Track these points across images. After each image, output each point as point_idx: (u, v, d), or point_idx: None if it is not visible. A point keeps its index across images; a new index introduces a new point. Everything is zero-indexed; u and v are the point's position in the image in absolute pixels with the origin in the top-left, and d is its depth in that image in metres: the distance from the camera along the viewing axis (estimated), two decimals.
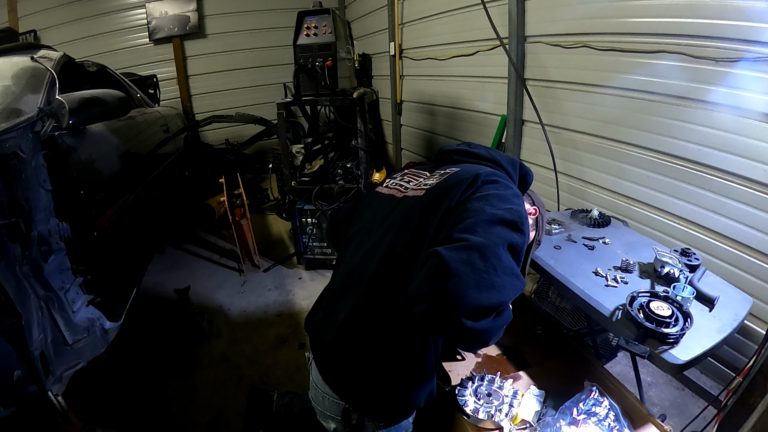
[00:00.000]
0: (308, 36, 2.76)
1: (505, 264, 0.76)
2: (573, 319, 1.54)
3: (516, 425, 1.01)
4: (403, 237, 0.92)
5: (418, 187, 1.02)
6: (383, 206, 1.05)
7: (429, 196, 0.95)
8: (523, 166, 1.11)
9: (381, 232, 0.99)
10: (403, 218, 0.95)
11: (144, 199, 2.47)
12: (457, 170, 0.99)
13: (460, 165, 1.05)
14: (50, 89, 1.77)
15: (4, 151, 1.33)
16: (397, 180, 1.12)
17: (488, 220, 0.80)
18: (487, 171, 0.96)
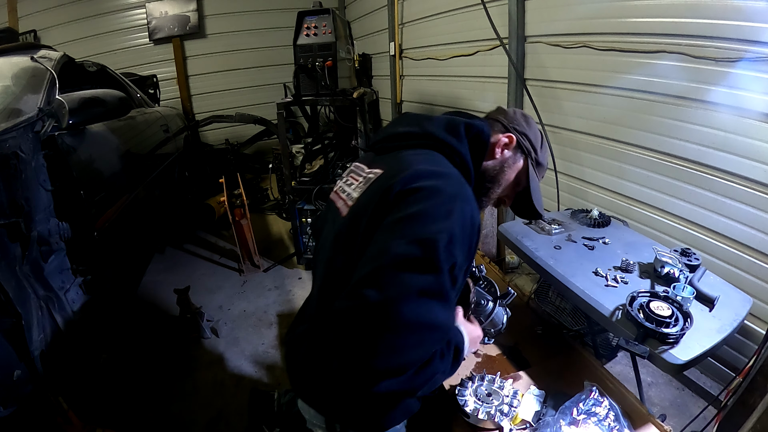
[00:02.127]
0: (308, 36, 2.76)
1: (409, 321, 0.64)
2: (573, 319, 1.54)
3: (516, 425, 1.01)
4: (335, 262, 0.85)
5: (349, 198, 0.89)
6: (331, 222, 0.95)
7: (350, 218, 0.84)
8: (472, 126, 0.93)
9: (324, 252, 0.92)
10: (333, 242, 0.88)
11: (144, 199, 2.47)
12: (380, 173, 0.85)
13: (393, 156, 0.90)
14: (50, 89, 1.77)
15: (4, 151, 1.33)
16: (343, 183, 0.99)
17: (391, 265, 0.66)
18: (410, 173, 0.77)
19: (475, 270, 1.30)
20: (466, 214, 0.74)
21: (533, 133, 1.03)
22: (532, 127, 1.04)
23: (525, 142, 1.01)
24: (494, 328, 1.19)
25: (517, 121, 1.03)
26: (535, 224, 1.70)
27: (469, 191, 0.80)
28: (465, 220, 0.73)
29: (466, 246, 0.74)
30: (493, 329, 1.19)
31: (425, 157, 0.85)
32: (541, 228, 1.66)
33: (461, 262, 0.72)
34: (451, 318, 0.73)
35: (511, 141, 0.99)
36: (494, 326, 1.19)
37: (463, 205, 0.74)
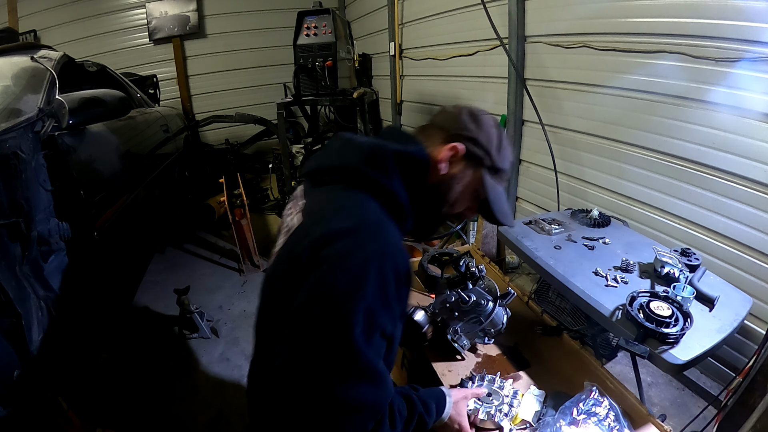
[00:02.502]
0: (308, 36, 2.76)
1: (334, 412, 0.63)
2: (573, 319, 1.54)
3: (516, 425, 1.01)
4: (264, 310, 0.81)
5: (285, 233, 0.83)
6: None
7: (272, 269, 0.79)
8: (404, 155, 0.81)
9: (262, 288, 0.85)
10: (263, 284, 0.82)
11: (144, 199, 2.47)
12: (300, 222, 0.78)
13: (317, 197, 0.81)
14: (50, 89, 1.77)
15: (4, 151, 1.33)
16: (286, 211, 0.90)
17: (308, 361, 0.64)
18: (318, 237, 0.69)
19: (475, 270, 1.31)
20: (385, 273, 0.67)
21: (485, 134, 0.87)
22: (483, 128, 0.87)
23: (475, 148, 0.85)
24: (494, 328, 1.19)
25: (463, 124, 0.87)
26: (535, 224, 1.70)
27: (391, 237, 0.71)
28: (385, 280, 0.67)
29: (392, 305, 0.69)
30: (493, 329, 1.20)
31: (342, 203, 0.76)
32: (541, 228, 1.66)
33: (388, 324, 0.69)
34: (382, 390, 0.68)
35: (455, 152, 0.84)
36: (494, 326, 1.19)
37: (380, 265, 0.67)
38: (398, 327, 0.75)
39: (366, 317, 0.64)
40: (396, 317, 0.73)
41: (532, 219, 1.74)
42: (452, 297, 1.25)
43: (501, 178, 0.90)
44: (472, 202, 0.90)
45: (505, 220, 0.92)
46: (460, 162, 0.85)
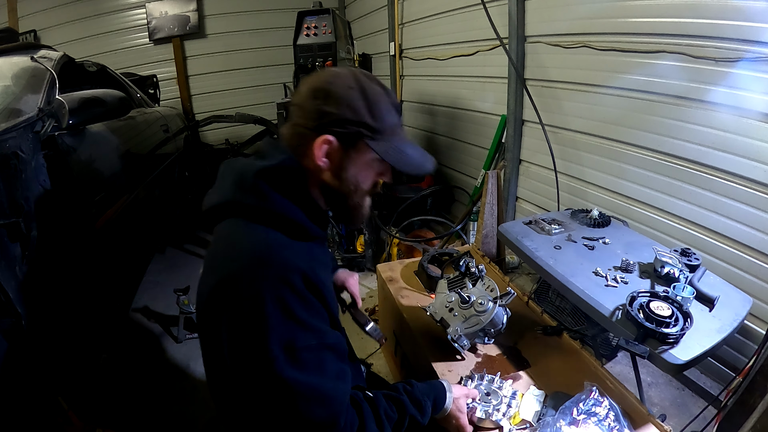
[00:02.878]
0: (308, 36, 2.76)
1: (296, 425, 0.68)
2: (573, 319, 1.54)
3: (516, 425, 1.01)
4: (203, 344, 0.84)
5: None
6: None
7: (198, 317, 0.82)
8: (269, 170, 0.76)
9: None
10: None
11: (144, 199, 2.47)
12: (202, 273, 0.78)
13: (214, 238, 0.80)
14: (50, 89, 1.77)
15: (4, 151, 1.33)
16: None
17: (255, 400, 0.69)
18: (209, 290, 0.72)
19: (475, 270, 1.31)
20: (283, 299, 0.67)
21: (347, 107, 0.74)
22: (341, 101, 0.75)
23: (345, 129, 0.75)
24: (494, 328, 1.19)
25: (318, 111, 0.75)
26: (535, 224, 1.70)
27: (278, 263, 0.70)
28: (286, 306, 0.67)
29: (308, 321, 0.70)
30: (493, 329, 1.20)
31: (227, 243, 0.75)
32: (541, 228, 1.66)
33: (312, 339, 0.70)
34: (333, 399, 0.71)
35: (328, 145, 0.76)
36: (494, 326, 1.19)
37: (275, 294, 0.66)
38: (332, 333, 0.76)
39: (283, 348, 0.66)
40: (322, 325, 0.74)
41: (532, 219, 1.74)
42: (452, 297, 1.26)
43: (390, 134, 0.79)
44: (378, 170, 0.84)
45: (418, 171, 0.84)
46: (338, 149, 0.77)
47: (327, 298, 0.76)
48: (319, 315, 0.74)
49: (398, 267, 1.76)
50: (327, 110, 0.75)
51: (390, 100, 0.80)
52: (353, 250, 3.05)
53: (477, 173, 3.19)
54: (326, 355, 0.72)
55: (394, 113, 0.81)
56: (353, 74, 0.78)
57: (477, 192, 3.09)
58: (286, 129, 0.82)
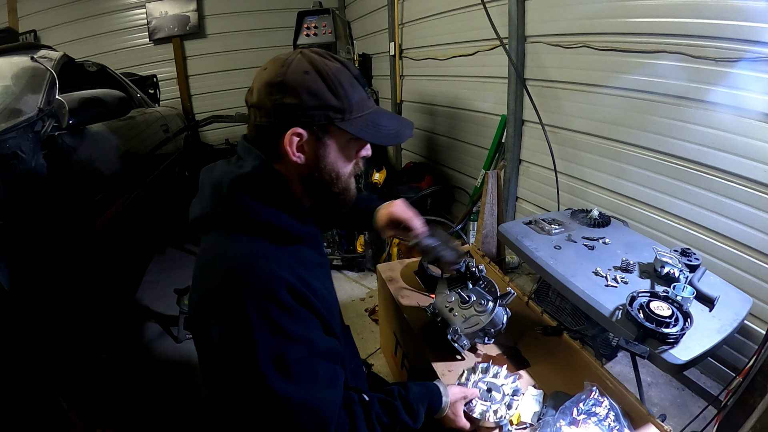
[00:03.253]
0: (308, 36, 2.76)
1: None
2: (573, 319, 1.54)
3: (516, 425, 1.01)
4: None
5: None
6: None
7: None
8: (243, 178, 0.73)
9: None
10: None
11: (144, 199, 2.47)
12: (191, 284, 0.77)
13: (200, 249, 0.78)
14: (50, 89, 1.77)
15: (4, 151, 1.33)
16: None
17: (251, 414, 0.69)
18: (194, 308, 0.72)
19: (475, 270, 1.31)
20: (268, 312, 0.66)
21: (308, 95, 0.70)
22: (301, 90, 0.70)
23: (311, 118, 0.71)
24: (494, 328, 1.19)
25: (278, 107, 0.71)
26: (535, 224, 1.70)
27: (261, 274, 0.68)
28: (272, 319, 0.66)
29: (295, 332, 0.68)
30: (493, 329, 1.20)
31: (208, 257, 0.73)
32: (541, 228, 1.66)
33: (303, 349, 0.69)
34: (322, 410, 0.70)
35: (299, 138, 0.72)
36: (494, 326, 1.19)
37: (259, 308, 0.65)
38: (325, 339, 0.75)
39: (273, 362, 0.66)
40: (313, 333, 0.73)
41: (532, 219, 1.74)
42: (452, 297, 1.25)
43: (359, 109, 0.75)
44: (356, 148, 0.80)
45: (397, 140, 0.81)
46: (310, 139, 0.73)
47: (317, 306, 0.74)
48: (309, 323, 0.73)
49: (398, 267, 1.76)
50: (287, 103, 0.70)
51: (351, 73, 0.75)
52: (353, 250, 3.05)
53: (477, 173, 3.19)
54: (318, 363, 0.72)
55: (357, 86, 0.76)
56: (305, 57, 0.74)
57: (477, 192, 3.09)
58: (250, 132, 0.78)
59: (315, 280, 0.78)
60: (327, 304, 0.80)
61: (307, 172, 0.77)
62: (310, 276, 0.77)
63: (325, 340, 0.75)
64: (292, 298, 0.69)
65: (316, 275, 0.82)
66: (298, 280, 0.71)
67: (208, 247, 0.75)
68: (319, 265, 0.86)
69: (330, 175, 0.78)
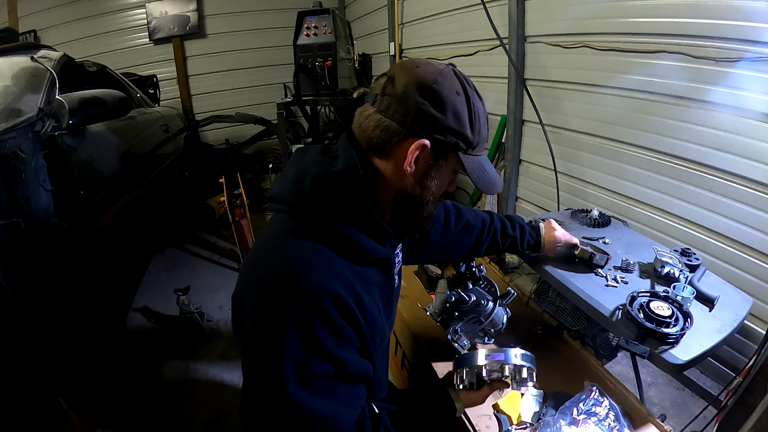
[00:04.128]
0: (308, 36, 2.77)
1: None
2: (573, 319, 1.54)
3: (516, 425, 1.01)
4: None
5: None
6: None
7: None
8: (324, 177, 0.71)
9: None
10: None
11: (144, 199, 2.47)
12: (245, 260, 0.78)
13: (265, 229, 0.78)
14: (50, 89, 1.77)
15: (4, 151, 1.33)
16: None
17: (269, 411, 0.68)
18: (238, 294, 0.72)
19: (475, 270, 1.30)
20: (308, 322, 0.64)
21: (452, 115, 0.69)
22: (448, 107, 0.68)
23: (444, 137, 0.70)
24: (494, 328, 1.19)
25: (421, 111, 0.68)
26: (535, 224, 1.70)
27: (313, 281, 0.66)
28: (309, 330, 0.64)
29: (330, 349, 0.66)
30: (493, 329, 1.19)
31: (269, 244, 0.72)
32: None
33: (330, 367, 0.67)
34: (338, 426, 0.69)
35: (419, 149, 0.69)
36: (494, 326, 1.19)
37: (299, 316, 0.64)
38: (358, 363, 0.73)
39: (297, 370, 0.64)
40: (347, 355, 0.70)
41: (532, 219, 1.74)
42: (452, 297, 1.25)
43: (479, 149, 0.76)
44: (451, 179, 0.80)
45: (491, 190, 0.80)
46: (429, 155, 0.72)
47: (362, 326, 0.71)
48: (348, 343, 0.70)
49: None
50: (432, 113, 0.68)
51: (486, 114, 0.75)
52: None
53: None
54: (341, 383, 0.70)
55: (486, 128, 0.76)
56: (457, 77, 0.72)
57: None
58: (369, 117, 0.73)
59: (370, 298, 0.76)
60: (374, 326, 0.78)
61: (407, 186, 0.74)
62: (367, 294, 0.75)
63: (357, 364, 0.72)
64: (338, 312, 0.67)
65: (374, 294, 0.79)
66: (350, 295, 0.69)
67: (273, 234, 0.74)
68: (381, 286, 0.83)
69: (428, 196, 0.76)
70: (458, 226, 1.17)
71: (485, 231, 1.21)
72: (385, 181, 0.74)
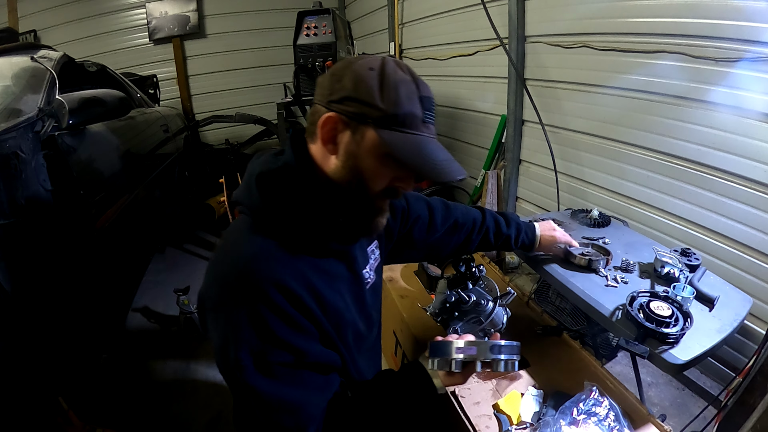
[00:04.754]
0: (308, 36, 2.76)
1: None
2: (573, 319, 1.54)
3: (516, 425, 1.01)
4: None
5: None
6: None
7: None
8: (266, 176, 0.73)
9: None
10: None
11: (144, 199, 2.47)
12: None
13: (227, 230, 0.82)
14: (50, 89, 1.77)
15: (4, 151, 1.33)
16: None
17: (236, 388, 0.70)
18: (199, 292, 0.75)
19: (475, 270, 1.30)
20: (260, 314, 0.66)
21: (358, 84, 0.67)
22: (354, 78, 0.67)
23: (349, 107, 0.67)
24: (494, 328, 1.19)
25: (330, 87, 0.69)
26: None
27: (265, 276, 0.67)
28: (262, 321, 0.66)
29: (285, 338, 0.68)
30: (493, 329, 1.19)
31: (224, 244, 0.77)
32: None
33: (287, 355, 0.68)
34: (302, 411, 0.70)
35: (330, 124, 0.68)
36: (494, 326, 1.19)
37: (251, 309, 0.66)
38: (319, 352, 0.73)
39: (254, 359, 0.67)
40: (305, 344, 0.71)
41: (532, 219, 1.74)
42: (452, 297, 1.25)
43: (406, 125, 0.68)
44: (396, 173, 0.72)
45: (437, 175, 0.70)
46: (345, 132, 0.69)
47: (318, 315, 0.72)
48: (303, 332, 0.71)
49: (398, 267, 1.76)
50: (338, 87, 0.68)
51: (416, 90, 0.69)
52: None
53: (477, 173, 3.19)
54: (305, 371, 0.71)
55: (417, 104, 0.69)
56: (381, 59, 0.71)
57: (477, 192, 3.09)
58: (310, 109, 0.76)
59: (331, 291, 0.77)
60: (340, 319, 0.78)
61: (333, 168, 0.72)
62: (328, 287, 0.76)
63: (319, 353, 0.73)
64: (289, 303, 0.68)
65: (337, 288, 0.79)
66: (301, 285, 0.70)
67: (231, 231, 0.78)
68: (346, 279, 0.83)
69: (353, 179, 0.71)
70: (446, 224, 1.15)
71: (476, 229, 1.19)
72: (321, 169, 0.74)
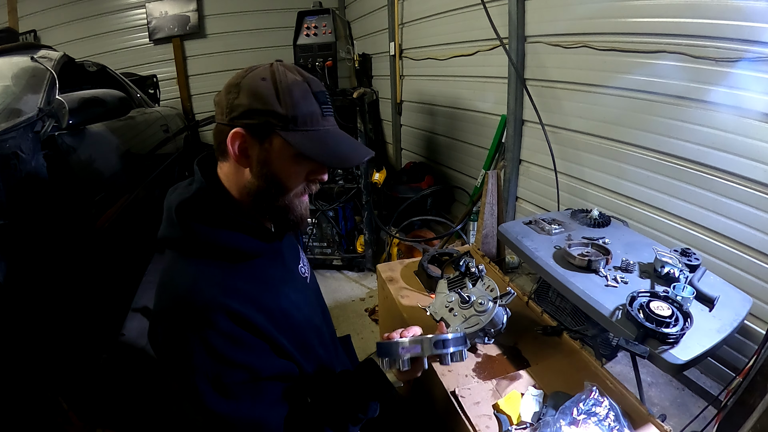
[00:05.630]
0: (308, 36, 2.76)
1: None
2: (573, 319, 1.54)
3: (516, 425, 1.01)
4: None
5: None
6: None
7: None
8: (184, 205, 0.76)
9: None
10: None
11: (144, 199, 2.47)
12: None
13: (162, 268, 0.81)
14: (50, 89, 1.77)
15: (4, 151, 1.33)
16: None
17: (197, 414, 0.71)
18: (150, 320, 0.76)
19: (475, 270, 1.31)
20: (208, 340, 0.68)
21: (253, 95, 0.70)
22: (247, 90, 0.71)
23: (251, 120, 0.71)
24: (494, 328, 1.19)
25: (228, 106, 0.72)
26: (535, 224, 1.70)
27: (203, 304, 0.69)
28: (212, 346, 0.68)
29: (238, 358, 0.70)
30: (493, 329, 1.19)
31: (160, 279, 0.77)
32: (541, 228, 1.66)
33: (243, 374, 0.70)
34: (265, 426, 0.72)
35: (237, 140, 0.72)
36: (494, 326, 1.19)
37: (199, 336, 0.68)
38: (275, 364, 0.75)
39: (211, 383, 0.69)
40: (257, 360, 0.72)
41: (532, 219, 1.74)
42: (452, 297, 1.25)
43: (308, 124, 0.73)
44: (309, 168, 0.78)
45: (342, 163, 0.82)
46: (254, 144, 0.73)
47: (265, 329, 0.73)
48: (254, 349, 0.72)
49: (398, 267, 1.76)
50: (237, 103, 0.72)
51: (308, 88, 0.74)
52: (353, 250, 3.05)
53: (477, 173, 3.19)
54: (264, 385, 0.73)
55: (313, 101, 0.74)
56: (270, 67, 0.74)
57: (477, 192, 3.09)
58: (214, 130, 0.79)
59: (275, 297, 0.79)
60: (289, 319, 0.80)
61: (249, 180, 0.76)
62: (270, 295, 0.78)
63: (273, 365, 0.75)
64: (234, 323, 0.70)
65: (279, 292, 0.81)
66: (244, 305, 0.72)
67: (165, 269, 0.78)
68: (284, 280, 0.85)
69: (271, 186, 0.76)
70: None
71: None
72: (233, 184, 0.78)
